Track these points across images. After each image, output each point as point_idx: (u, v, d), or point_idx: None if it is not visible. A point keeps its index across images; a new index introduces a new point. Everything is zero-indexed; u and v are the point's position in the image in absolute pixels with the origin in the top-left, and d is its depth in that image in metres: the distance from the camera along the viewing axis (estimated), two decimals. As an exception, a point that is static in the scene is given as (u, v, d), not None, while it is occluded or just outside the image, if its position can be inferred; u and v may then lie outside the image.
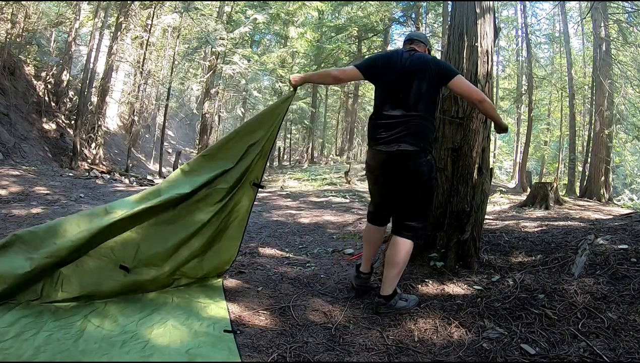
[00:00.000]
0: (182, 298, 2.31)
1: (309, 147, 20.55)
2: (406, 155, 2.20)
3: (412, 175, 2.24)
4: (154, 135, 18.27)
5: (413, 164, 2.22)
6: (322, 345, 2.02)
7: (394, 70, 2.28)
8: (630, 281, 2.28)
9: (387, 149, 2.22)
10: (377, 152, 2.28)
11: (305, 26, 17.48)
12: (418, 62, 2.26)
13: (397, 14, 15.50)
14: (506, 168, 22.89)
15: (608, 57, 10.63)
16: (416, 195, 2.28)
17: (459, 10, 3.07)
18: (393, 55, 2.35)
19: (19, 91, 10.73)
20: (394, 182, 2.28)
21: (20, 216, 4.53)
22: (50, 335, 1.75)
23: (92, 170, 9.95)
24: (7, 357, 1.59)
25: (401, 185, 2.27)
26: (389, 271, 2.30)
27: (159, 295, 2.30)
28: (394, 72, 2.28)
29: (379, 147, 2.26)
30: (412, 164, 2.22)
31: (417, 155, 2.21)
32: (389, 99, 2.28)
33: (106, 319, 1.96)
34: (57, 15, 12.86)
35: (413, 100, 2.22)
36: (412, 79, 2.22)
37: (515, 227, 4.01)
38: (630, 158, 17.40)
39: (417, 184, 2.25)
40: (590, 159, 11.16)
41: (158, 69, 16.17)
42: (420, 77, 2.22)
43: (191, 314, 2.13)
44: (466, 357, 1.89)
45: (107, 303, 2.10)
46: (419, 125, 2.22)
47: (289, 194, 8.62)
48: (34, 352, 1.63)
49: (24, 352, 1.62)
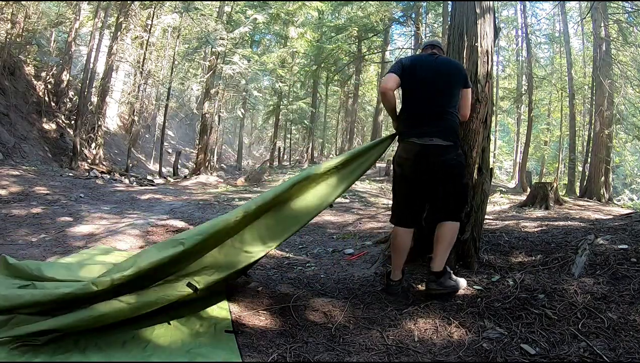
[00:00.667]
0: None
1: (309, 147, 20.54)
2: (440, 149, 2.33)
3: (446, 168, 2.36)
4: (154, 135, 18.27)
5: (446, 158, 2.35)
6: (322, 345, 2.02)
7: (422, 71, 2.44)
8: (630, 281, 2.28)
9: (421, 142, 2.34)
10: (411, 143, 2.38)
11: (305, 26, 17.47)
12: (446, 63, 2.49)
13: (397, 14, 15.50)
14: (506, 168, 22.88)
15: (608, 57, 10.62)
16: (454, 186, 2.41)
17: (459, 10, 3.06)
18: (417, 58, 2.56)
19: (19, 91, 10.73)
20: (426, 175, 2.38)
21: (20, 216, 4.53)
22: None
23: (92, 170, 9.95)
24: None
25: (435, 178, 2.39)
26: (439, 246, 2.41)
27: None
28: (422, 72, 2.44)
29: (411, 139, 2.38)
30: (446, 158, 2.35)
31: (449, 150, 2.36)
32: (421, 96, 2.43)
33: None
34: (57, 15, 12.86)
35: (443, 99, 2.40)
36: (442, 79, 2.42)
37: (515, 227, 4.01)
38: (630, 158, 17.40)
39: (452, 176, 2.39)
40: (590, 159, 11.16)
41: (158, 69, 16.17)
42: (449, 78, 2.43)
43: (192, 314, 2.12)
44: (466, 357, 1.89)
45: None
46: (450, 121, 2.39)
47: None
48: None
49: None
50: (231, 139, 30.87)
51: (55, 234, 3.87)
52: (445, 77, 2.43)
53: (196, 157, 13.87)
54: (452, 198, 2.43)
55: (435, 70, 2.43)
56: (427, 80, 2.42)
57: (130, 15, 12.16)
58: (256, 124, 29.95)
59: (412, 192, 2.48)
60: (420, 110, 2.43)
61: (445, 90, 2.41)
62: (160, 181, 10.97)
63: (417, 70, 2.44)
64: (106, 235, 3.82)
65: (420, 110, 2.42)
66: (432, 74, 2.43)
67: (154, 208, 5.72)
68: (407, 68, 2.45)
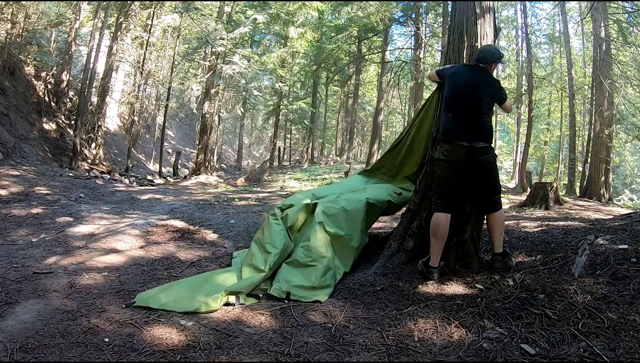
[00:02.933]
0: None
1: (309, 147, 20.52)
2: (482, 150, 2.71)
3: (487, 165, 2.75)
4: (154, 135, 18.27)
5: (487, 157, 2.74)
6: (322, 345, 2.02)
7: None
8: (630, 281, 2.28)
9: (469, 144, 2.69)
10: (459, 146, 2.71)
11: (305, 26, 17.43)
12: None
13: (397, 14, 15.47)
14: (506, 168, 22.85)
15: (608, 57, 10.60)
16: (492, 179, 2.78)
17: (459, 10, 3.07)
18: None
19: (19, 91, 10.73)
20: (471, 172, 2.74)
21: (20, 216, 4.53)
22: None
23: (92, 170, 9.95)
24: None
25: (479, 174, 2.74)
26: (495, 232, 2.80)
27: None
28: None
29: (460, 142, 2.71)
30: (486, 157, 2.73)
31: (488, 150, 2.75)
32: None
33: None
34: (57, 15, 12.84)
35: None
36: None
37: (515, 227, 4.01)
38: (630, 158, 17.39)
39: (491, 171, 2.77)
40: (590, 159, 11.14)
41: (158, 69, 16.16)
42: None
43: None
44: (466, 357, 1.89)
45: None
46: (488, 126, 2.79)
47: (289, 194, 8.61)
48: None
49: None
50: (231, 139, 30.85)
51: (55, 234, 3.87)
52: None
53: (196, 157, 13.86)
54: (491, 188, 2.80)
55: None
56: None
57: (130, 15, 12.15)
58: (256, 124, 29.93)
59: (456, 184, 2.80)
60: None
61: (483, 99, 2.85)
62: (160, 181, 10.96)
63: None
64: (106, 235, 3.82)
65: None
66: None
67: (154, 209, 5.72)
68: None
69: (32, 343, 1.90)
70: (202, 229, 4.27)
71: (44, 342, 1.93)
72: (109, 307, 2.36)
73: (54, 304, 2.34)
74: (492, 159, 2.78)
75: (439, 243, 2.74)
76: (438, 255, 2.75)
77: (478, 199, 2.85)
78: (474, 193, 2.82)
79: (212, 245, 3.86)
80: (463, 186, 2.79)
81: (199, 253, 3.60)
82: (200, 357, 1.89)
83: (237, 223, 4.69)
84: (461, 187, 2.79)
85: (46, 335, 1.99)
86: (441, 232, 2.73)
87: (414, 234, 3.02)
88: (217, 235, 4.18)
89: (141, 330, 2.10)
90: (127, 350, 1.91)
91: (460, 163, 2.72)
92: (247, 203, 6.61)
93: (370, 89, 24.81)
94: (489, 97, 2.78)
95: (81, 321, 2.16)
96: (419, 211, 3.04)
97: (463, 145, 2.69)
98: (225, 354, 1.92)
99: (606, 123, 10.58)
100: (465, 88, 2.75)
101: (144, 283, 2.83)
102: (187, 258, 3.43)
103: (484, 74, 2.79)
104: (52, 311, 2.25)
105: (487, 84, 2.78)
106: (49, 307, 2.30)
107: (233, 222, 4.78)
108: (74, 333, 2.03)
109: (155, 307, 2.38)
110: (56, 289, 2.56)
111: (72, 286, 2.63)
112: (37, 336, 1.97)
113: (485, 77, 2.78)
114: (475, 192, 2.82)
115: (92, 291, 2.58)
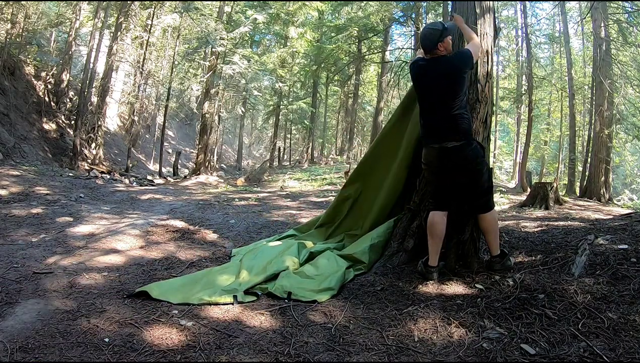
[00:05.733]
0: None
1: (309, 147, 20.51)
2: (455, 150, 2.61)
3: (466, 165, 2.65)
4: (154, 135, 18.26)
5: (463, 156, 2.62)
6: (322, 345, 2.02)
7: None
8: (630, 281, 2.28)
9: (439, 145, 2.64)
10: (431, 148, 2.70)
11: (305, 26, 17.45)
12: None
13: (397, 14, 15.47)
14: (506, 168, 22.85)
15: (608, 57, 10.60)
16: (477, 180, 2.68)
17: (459, 10, 3.07)
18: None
19: (19, 91, 10.73)
20: (453, 173, 2.68)
21: (20, 216, 4.53)
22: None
23: (92, 170, 9.94)
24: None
25: (463, 175, 2.67)
26: (489, 236, 2.78)
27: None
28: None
29: (431, 144, 2.69)
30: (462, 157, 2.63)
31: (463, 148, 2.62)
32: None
33: None
34: (57, 15, 12.85)
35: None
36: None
37: (515, 227, 4.01)
38: (630, 158, 17.39)
39: (475, 172, 2.66)
40: (590, 159, 11.13)
41: (158, 69, 16.16)
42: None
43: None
44: (466, 357, 1.89)
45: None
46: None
47: (289, 194, 8.61)
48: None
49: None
50: (231, 139, 30.84)
51: (55, 234, 3.87)
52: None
53: (196, 157, 13.85)
54: (475, 189, 2.71)
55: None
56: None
57: (130, 16, 12.14)
58: (256, 124, 29.92)
59: (442, 183, 2.77)
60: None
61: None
62: (160, 181, 10.95)
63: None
64: (106, 235, 3.82)
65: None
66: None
67: (154, 209, 5.72)
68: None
69: (32, 343, 1.90)
70: (202, 229, 4.27)
71: (44, 342, 1.93)
72: (109, 307, 2.36)
73: (54, 304, 2.34)
74: (474, 158, 2.62)
75: (436, 242, 2.72)
76: (436, 255, 2.73)
77: (466, 200, 2.77)
78: (461, 194, 2.75)
79: (212, 245, 3.86)
80: (452, 186, 2.73)
81: (199, 253, 3.60)
82: (200, 357, 1.89)
83: (237, 224, 4.69)
84: (450, 187, 2.74)
85: (46, 335, 1.99)
86: (437, 231, 2.70)
87: (414, 234, 3.02)
88: (217, 235, 4.18)
89: (141, 330, 2.10)
90: (127, 350, 1.91)
91: (435, 165, 2.71)
92: (247, 204, 6.61)
93: (370, 89, 24.79)
94: (449, 87, 2.57)
95: (81, 321, 2.16)
96: (419, 211, 3.04)
97: (434, 147, 2.66)
98: (225, 354, 1.92)
99: (606, 123, 10.57)
100: (425, 89, 2.71)
101: (144, 283, 2.83)
102: (187, 258, 3.43)
103: (436, 65, 2.62)
104: (52, 311, 2.24)
105: (440, 74, 2.59)
106: (49, 307, 2.30)
107: (233, 222, 4.78)
108: (74, 333, 2.03)
109: (154, 295, 2.51)
110: (56, 289, 2.56)
111: (72, 286, 2.63)
112: (37, 336, 1.97)
113: (437, 67, 2.61)
114: (463, 193, 2.74)
115: (92, 291, 2.58)
